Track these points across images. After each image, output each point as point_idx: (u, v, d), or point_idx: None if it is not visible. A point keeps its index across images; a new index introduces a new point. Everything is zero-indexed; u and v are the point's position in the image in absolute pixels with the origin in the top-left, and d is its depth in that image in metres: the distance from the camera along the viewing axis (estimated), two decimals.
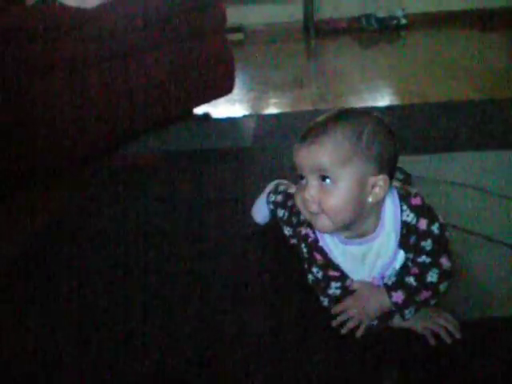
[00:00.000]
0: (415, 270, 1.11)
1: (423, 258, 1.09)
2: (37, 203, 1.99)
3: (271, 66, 4.06)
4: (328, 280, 1.18)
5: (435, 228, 1.07)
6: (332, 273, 1.17)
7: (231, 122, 2.75)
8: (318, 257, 1.17)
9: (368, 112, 1.09)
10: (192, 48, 2.71)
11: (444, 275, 1.10)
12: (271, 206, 1.53)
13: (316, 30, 4.83)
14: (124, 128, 2.44)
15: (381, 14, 5.03)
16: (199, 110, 2.93)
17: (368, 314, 1.14)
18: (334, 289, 1.18)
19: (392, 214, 1.09)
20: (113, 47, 2.35)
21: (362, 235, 1.11)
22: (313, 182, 1.04)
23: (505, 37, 4.45)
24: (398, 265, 1.13)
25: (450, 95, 2.84)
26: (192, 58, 2.71)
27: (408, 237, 1.09)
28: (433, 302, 1.12)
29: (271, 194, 1.54)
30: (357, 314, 1.14)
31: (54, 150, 2.18)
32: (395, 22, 5.02)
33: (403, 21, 5.00)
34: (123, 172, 2.22)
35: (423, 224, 1.07)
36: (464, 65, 3.52)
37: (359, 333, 1.12)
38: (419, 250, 1.09)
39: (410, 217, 1.08)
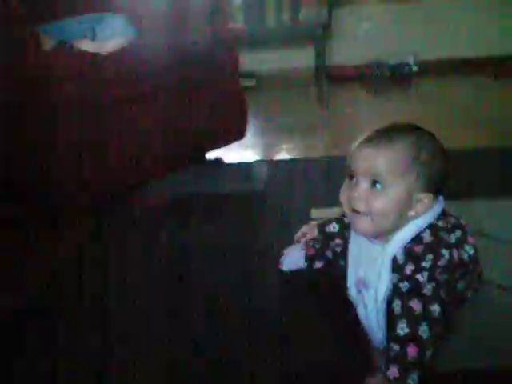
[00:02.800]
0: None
1: (397, 303, 1.08)
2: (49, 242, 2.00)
3: (283, 112, 4.08)
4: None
5: (420, 275, 1.08)
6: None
7: (243, 167, 2.77)
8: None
9: (430, 133, 1.16)
10: (205, 93, 2.71)
11: (432, 325, 1.06)
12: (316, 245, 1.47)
13: (328, 77, 4.85)
14: (135, 172, 2.43)
15: (392, 61, 5.04)
16: (212, 155, 2.93)
17: None
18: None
19: (405, 236, 1.11)
20: (126, 92, 2.36)
21: (381, 238, 1.14)
22: (364, 184, 1.09)
23: None
24: (384, 287, 1.12)
25: (465, 142, 2.82)
26: (205, 103, 2.71)
27: (393, 274, 1.11)
28: (422, 354, 1.05)
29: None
30: None
31: (65, 191, 2.19)
32: (407, 68, 5.03)
33: (415, 68, 5.02)
34: (134, 215, 2.22)
35: (409, 270, 1.09)
36: (478, 112, 3.52)
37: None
38: (396, 290, 1.10)
39: (401, 256, 1.11)
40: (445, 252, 1.11)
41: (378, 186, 1.07)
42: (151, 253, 1.84)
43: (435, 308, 1.07)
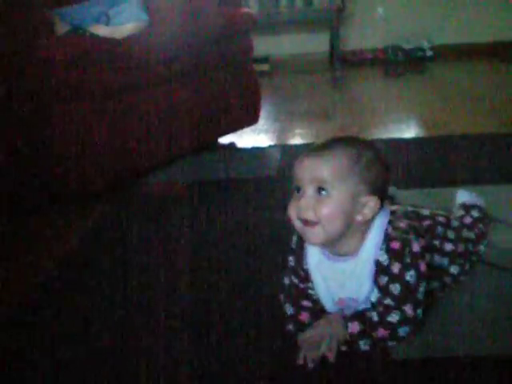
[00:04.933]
0: (380, 308, 1.15)
1: (388, 301, 1.14)
2: (60, 230, 2.02)
3: (297, 97, 4.07)
4: (300, 294, 1.24)
5: (408, 275, 1.13)
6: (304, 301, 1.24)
7: (256, 151, 2.76)
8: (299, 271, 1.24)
9: (369, 141, 1.22)
10: (218, 78, 2.72)
11: (405, 321, 1.13)
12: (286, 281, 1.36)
13: (342, 61, 4.83)
14: (150, 157, 2.45)
15: (407, 46, 5.03)
16: (225, 140, 2.94)
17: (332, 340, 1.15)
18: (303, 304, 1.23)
19: (374, 244, 1.15)
20: (140, 77, 2.38)
21: (343, 254, 1.18)
22: (310, 192, 1.12)
23: None
24: (373, 298, 1.17)
25: (476, 128, 2.81)
26: (218, 89, 2.72)
27: (380, 276, 1.14)
28: (390, 343, 1.15)
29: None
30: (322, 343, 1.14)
31: (79, 176, 2.21)
32: (421, 53, 5.01)
33: (429, 52, 4.99)
34: (148, 200, 2.23)
35: (396, 268, 1.13)
36: (490, 97, 3.50)
37: (332, 359, 1.13)
38: (386, 292, 1.14)
39: (383, 257, 1.14)
40: (413, 238, 1.15)
41: (323, 192, 1.11)
42: (166, 239, 1.84)
43: (421, 310, 1.16)
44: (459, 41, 5.03)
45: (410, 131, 3.01)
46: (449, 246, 1.32)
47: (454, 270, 1.32)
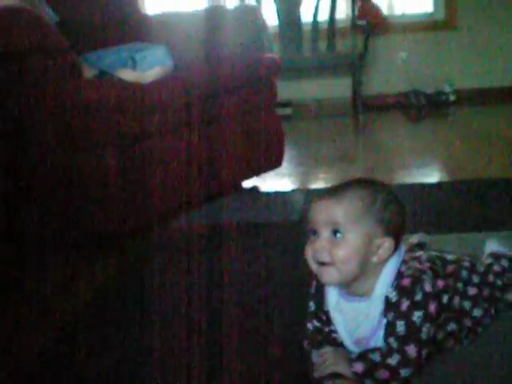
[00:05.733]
0: (383, 348, 1.14)
1: (391, 340, 1.13)
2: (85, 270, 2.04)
3: (320, 141, 4.09)
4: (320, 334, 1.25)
5: (416, 315, 1.12)
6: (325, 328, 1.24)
7: (280, 195, 2.75)
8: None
9: (383, 183, 1.22)
10: (242, 123, 2.74)
11: (407, 363, 1.12)
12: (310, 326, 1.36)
13: (364, 106, 4.85)
14: (172, 201, 2.46)
15: (429, 90, 5.04)
16: (248, 184, 2.94)
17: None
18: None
19: (386, 282, 1.15)
20: (166, 122, 2.39)
21: (359, 294, 1.18)
22: (325, 235, 1.13)
23: None
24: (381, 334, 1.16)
25: (501, 172, 2.79)
26: (242, 133, 2.74)
27: (388, 313, 1.14)
28: (394, 383, 1.14)
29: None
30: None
31: (104, 218, 2.21)
32: (443, 97, 5.01)
33: (452, 96, 5.00)
34: (172, 243, 2.23)
35: (404, 305, 1.13)
36: None
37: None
38: (392, 330, 1.13)
39: (392, 294, 1.14)
40: (427, 277, 1.16)
41: (338, 235, 1.12)
42: (189, 281, 1.84)
43: (427, 351, 1.15)
44: (482, 85, 5.03)
45: (433, 175, 3.00)
46: (473, 290, 1.29)
47: (476, 313, 1.29)
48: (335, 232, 1.12)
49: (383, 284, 1.16)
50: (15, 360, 1.47)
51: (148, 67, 2.57)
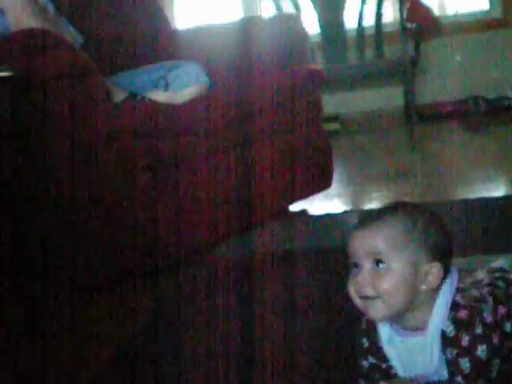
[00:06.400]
0: None
1: (459, 379, 1.09)
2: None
3: (371, 157, 4.06)
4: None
5: (480, 349, 1.07)
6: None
7: (331, 218, 2.68)
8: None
9: (422, 206, 1.24)
10: (287, 141, 2.68)
11: None
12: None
13: (418, 116, 4.71)
14: (216, 229, 2.40)
15: (490, 95, 4.87)
16: (296, 208, 2.84)
17: None
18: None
19: (441, 314, 1.11)
20: (205, 144, 2.36)
21: (413, 328, 1.14)
22: (367, 266, 1.10)
23: None
24: (445, 373, 1.12)
25: None
26: (287, 152, 2.67)
27: (447, 349, 1.10)
28: None
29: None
30: None
31: (146, 250, 2.19)
32: (507, 103, 4.82)
33: None
34: (218, 273, 2.22)
35: (465, 340, 1.08)
36: None
37: None
38: (456, 369, 1.09)
39: (449, 328, 1.10)
40: (486, 306, 1.12)
41: (381, 265, 1.09)
42: (226, 315, 1.81)
43: None
44: None
45: (499, 189, 2.88)
46: None
47: None
48: (377, 262, 1.09)
49: (438, 316, 1.12)
50: None
51: (182, 86, 2.52)
